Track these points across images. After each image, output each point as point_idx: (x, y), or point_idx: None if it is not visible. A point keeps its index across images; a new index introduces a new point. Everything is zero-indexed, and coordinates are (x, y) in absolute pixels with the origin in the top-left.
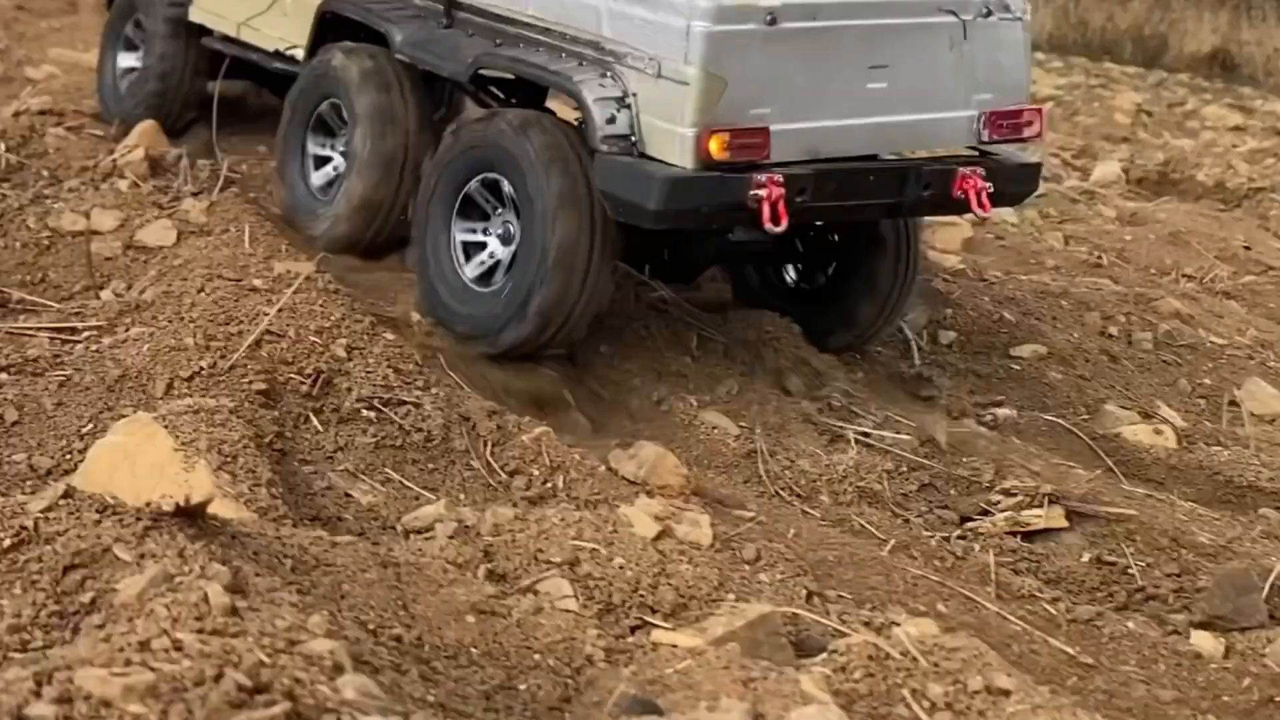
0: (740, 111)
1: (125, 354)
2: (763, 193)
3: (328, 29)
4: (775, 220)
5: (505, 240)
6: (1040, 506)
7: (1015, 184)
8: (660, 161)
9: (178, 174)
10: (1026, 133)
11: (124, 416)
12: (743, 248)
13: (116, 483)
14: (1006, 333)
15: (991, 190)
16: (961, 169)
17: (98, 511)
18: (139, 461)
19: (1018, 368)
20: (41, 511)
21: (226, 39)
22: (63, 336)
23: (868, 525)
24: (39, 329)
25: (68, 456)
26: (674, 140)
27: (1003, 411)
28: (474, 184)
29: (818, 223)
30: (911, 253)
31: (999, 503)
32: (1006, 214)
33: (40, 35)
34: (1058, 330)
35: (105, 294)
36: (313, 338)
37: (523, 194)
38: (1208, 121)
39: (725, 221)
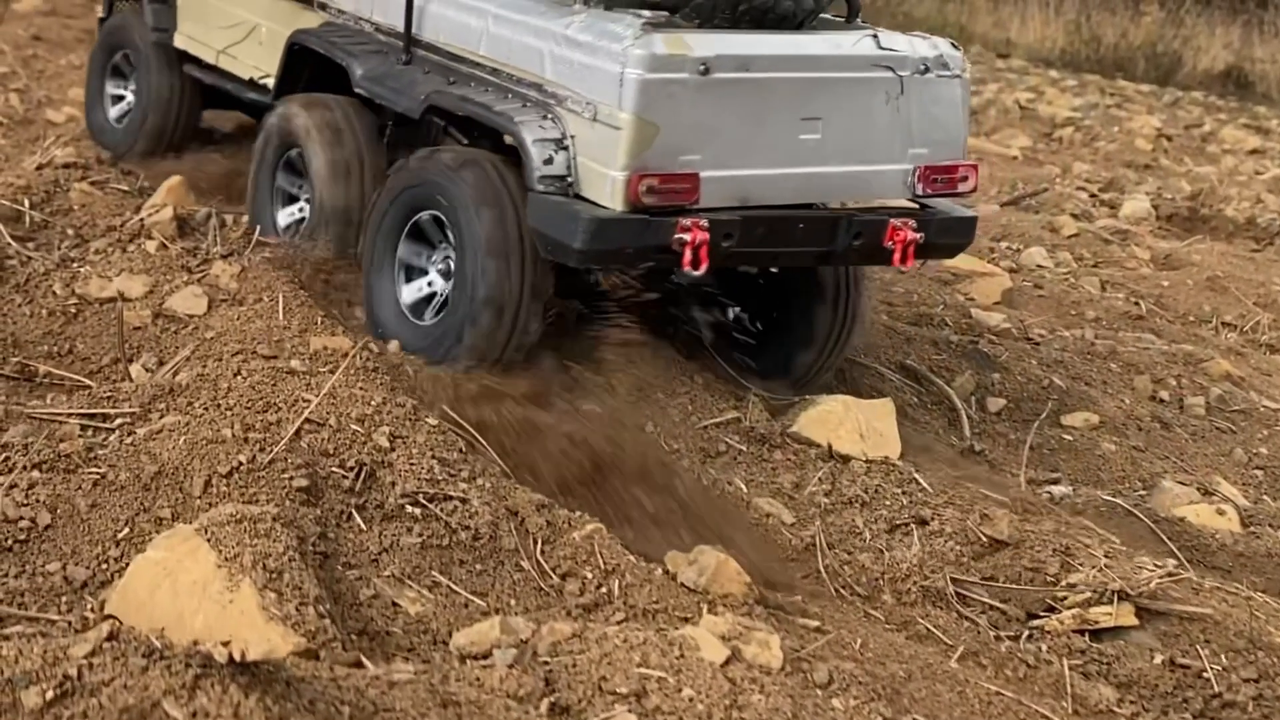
0: (670, 157)
1: (161, 447)
2: (687, 236)
3: (296, 60)
4: (696, 264)
5: (446, 275)
6: (1109, 603)
7: (949, 236)
8: (590, 202)
9: (206, 233)
10: (961, 188)
11: (160, 519)
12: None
13: (157, 603)
14: (1056, 399)
15: (921, 242)
16: (893, 220)
17: (144, 656)
18: (180, 579)
19: (1070, 438)
20: (85, 657)
21: (206, 66)
22: (94, 424)
23: (934, 629)
24: (69, 414)
25: (103, 566)
26: (605, 182)
27: (1059, 489)
28: (424, 215)
29: (744, 268)
30: (851, 301)
31: (1066, 598)
32: (1041, 258)
33: (59, 73)
34: (1108, 395)
35: (135, 368)
36: (354, 426)
37: (456, 232)
38: (1226, 144)
39: (650, 263)
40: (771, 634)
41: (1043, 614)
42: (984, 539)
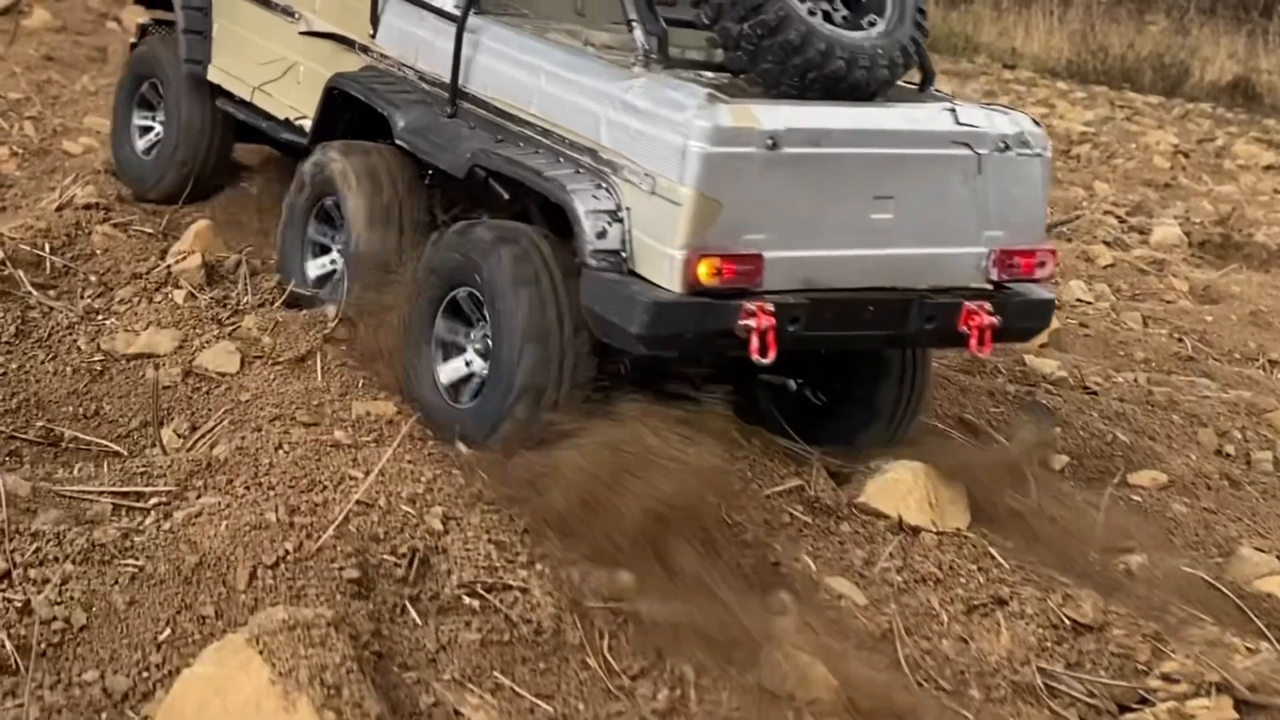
0: (733, 236)
1: (201, 534)
2: (752, 322)
3: (335, 104)
4: (764, 352)
5: (485, 356)
6: (1206, 695)
7: (1025, 320)
8: (647, 282)
9: (236, 282)
10: (1038, 274)
11: (204, 617)
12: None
13: None
14: (1121, 456)
15: (998, 327)
16: (968, 303)
17: None
18: (231, 697)
19: (1139, 499)
20: None
21: (239, 101)
22: (128, 503)
23: None
24: (101, 492)
25: (144, 674)
26: (662, 261)
27: (1135, 559)
28: (461, 292)
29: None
30: (918, 374)
31: (1159, 690)
32: (1081, 291)
33: (74, 99)
34: (1173, 451)
35: (166, 433)
36: (405, 507)
37: (493, 311)
38: (1240, 160)
39: (712, 349)
40: None
41: (1135, 706)
42: (1067, 622)
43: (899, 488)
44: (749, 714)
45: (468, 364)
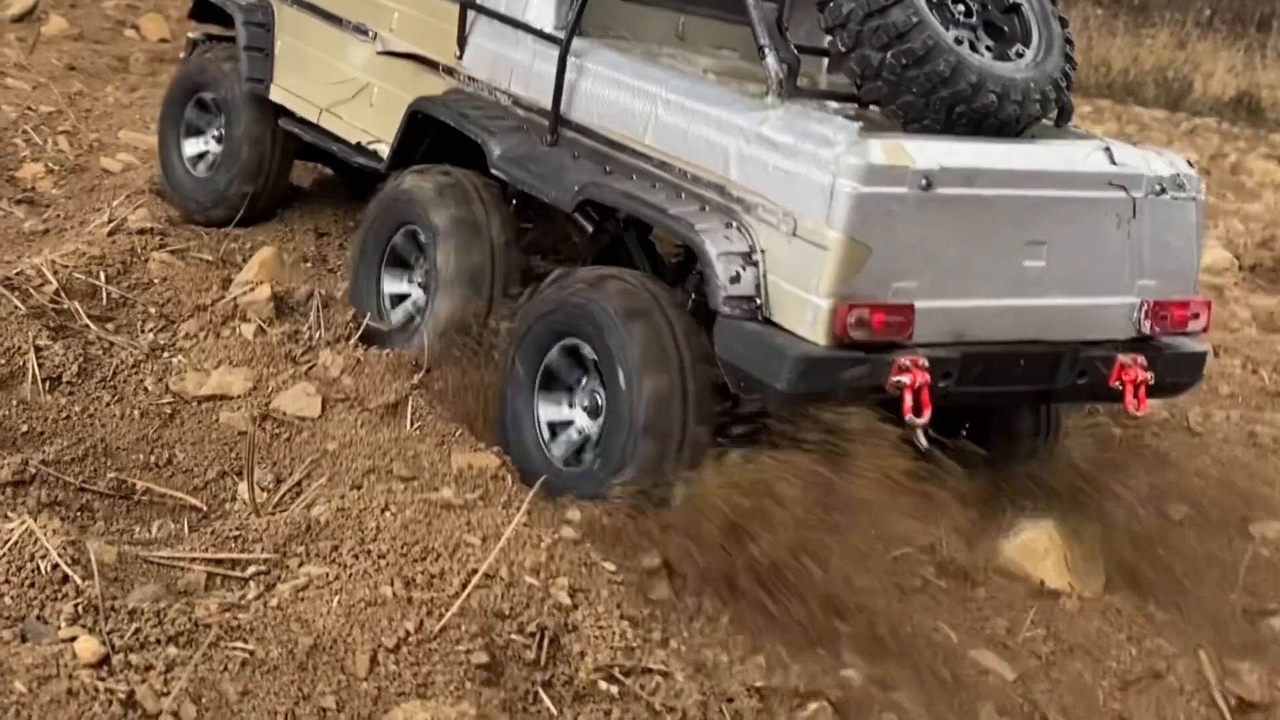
0: (883, 285)
1: (312, 611)
2: (906, 379)
3: (417, 130)
4: (918, 410)
5: (593, 413)
6: None
7: (1178, 375)
8: (788, 333)
9: (308, 315)
10: (1192, 326)
11: (324, 709)
12: None
13: None
14: (1240, 501)
15: (1151, 383)
16: (1121, 357)
17: None
18: None
19: (1266, 553)
20: None
21: (305, 123)
22: (223, 572)
23: None
24: (194, 559)
25: None
26: (805, 310)
27: (1277, 622)
28: (554, 354)
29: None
30: (1053, 419)
31: None
32: None
33: (107, 113)
34: None
35: (242, 489)
36: (529, 579)
37: (603, 353)
38: (1256, 177)
39: (858, 405)
40: None
41: None
42: (1232, 699)
43: (1035, 548)
44: None
45: (580, 430)
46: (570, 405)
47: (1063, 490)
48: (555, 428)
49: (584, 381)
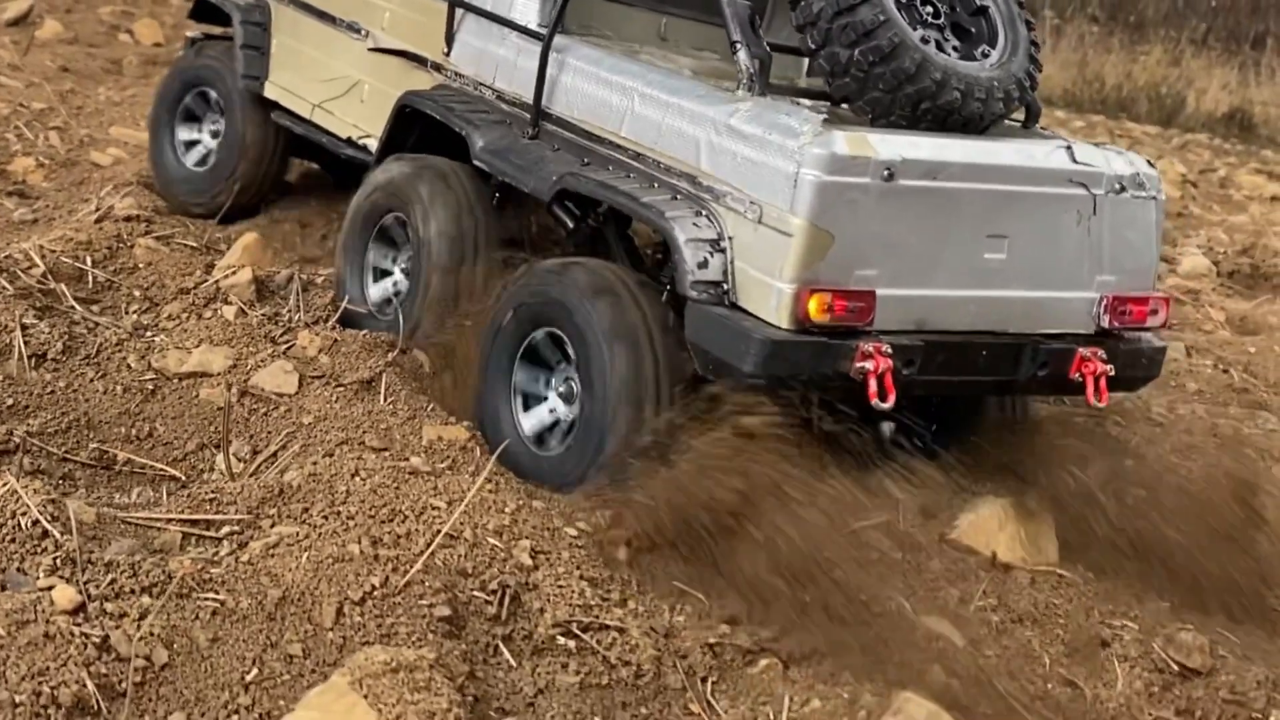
0: (845, 271)
1: (282, 566)
2: (870, 364)
3: (405, 124)
4: (883, 396)
5: (568, 399)
6: None
7: (1138, 369)
8: (754, 317)
9: (288, 298)
10: (1150, 322)
11: (291, 655)
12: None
13: None
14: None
15: (1111, 375)
16: (1081, 350)
17: None
18: None
19: (1221, 535)
20: None
21: (297, 118)
22: (198, 532)
23: None
24: (169, 519)
25: (234, 717)
26: (770, 295)
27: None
28: (538, 334)
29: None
30: (1018, 410)
31: None
32: None
33: (98, 109)
34: None
35: (219, 460)
36: (491, 540)
37: (574, 334)
38: (1245, 190)
39: (822, 390)
40: None
41: None
42: (1174, 665)
43: (990, 524)
44: None
45: (552, 412)
46: (547, 389)
47: (1021, 473)
48: (532, 411)
49: (560, 367)
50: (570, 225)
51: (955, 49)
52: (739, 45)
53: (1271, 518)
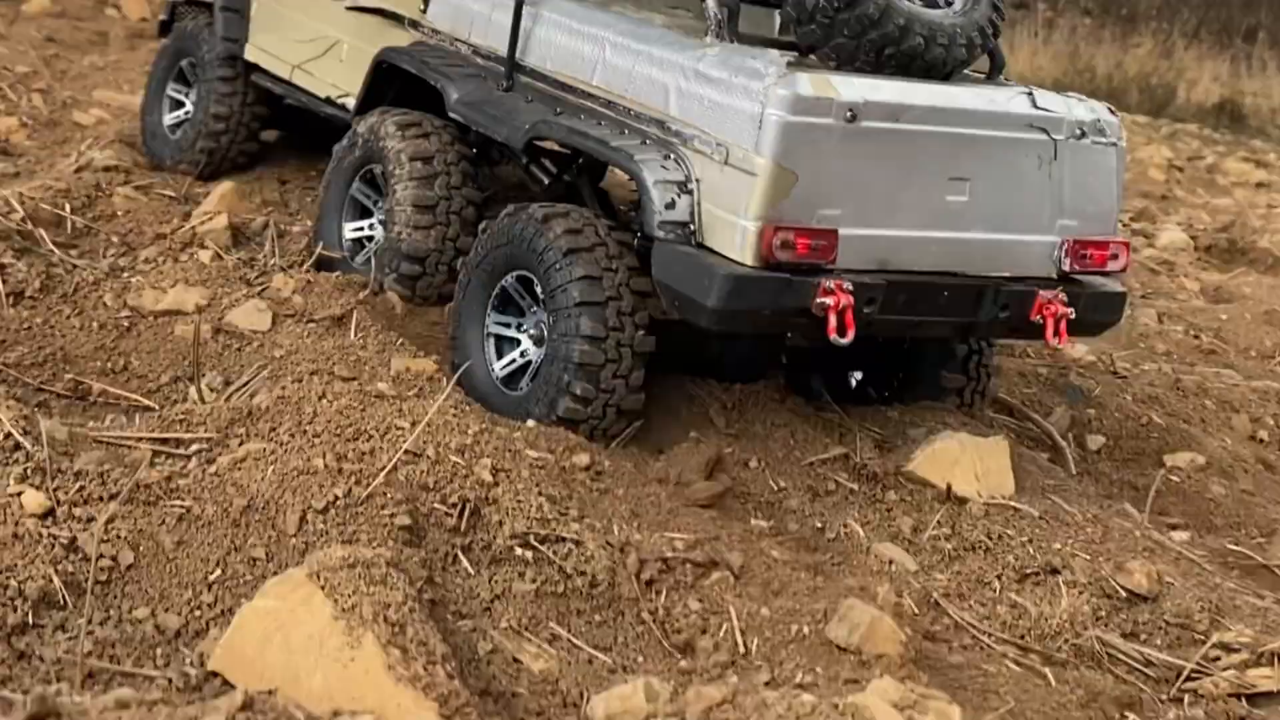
0: (808, 210)
1: (248, 478)
2: (830, 300)
3: (383, 80)
4: (842, 331)
5: (538, 342)
6: (1269, 665)
7: (1098, 313)
8: (719, 255)
9: (263, 244)
10: (1111, 266)
11: (254, 559)
12: (804, 352)
13: (268, 659)
14: (1157, 438)
15: (1072, 318)
16: (1042, 292)
17: None
18: (293, 633)
19: (1177, 479)
20: None
21: (278, 79)
22: (168, 450)
23: (1095, 696)
24: (140, 438)
25: (196, 613)
26: (734, 233)
27: (1179, 536)
28: (510, 279)
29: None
30: (984, 358)
31: (1219, 659)
32: None
33: (82, 74)
34: (1208, 435)
35: (193, 391)
36: (453, 457)
37: (547, 289)
38: (1231, 177)
39: (785, 327)
40: (951, 703)
41: (1195, 675)
42: (1121, 591)
43: (946, 457)
44: (813, 665)
45: (523, 354)
46: (519, 331)
47: (981, 417)
48: (503, 351)
49: (534, 310)
50: (545, 181)
51: None
52: None
53: None
